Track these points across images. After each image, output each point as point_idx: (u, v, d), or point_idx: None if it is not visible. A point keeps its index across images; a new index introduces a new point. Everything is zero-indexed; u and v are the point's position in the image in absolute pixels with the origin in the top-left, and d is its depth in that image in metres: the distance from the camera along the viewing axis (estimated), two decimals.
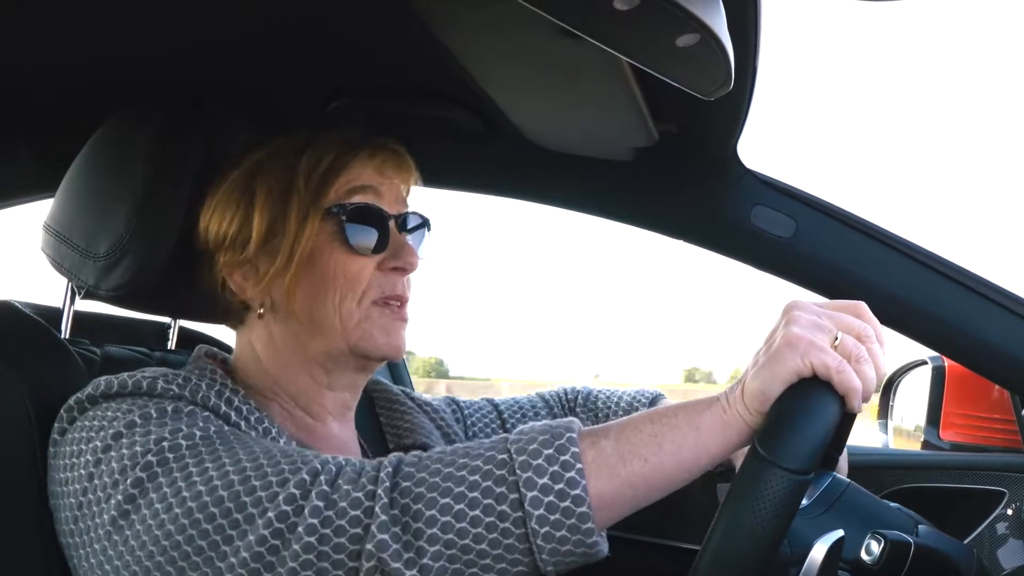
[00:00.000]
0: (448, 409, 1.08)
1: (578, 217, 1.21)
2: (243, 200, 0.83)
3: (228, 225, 0.82)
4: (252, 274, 0.83)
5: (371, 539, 0.60)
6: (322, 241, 0.81)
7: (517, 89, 0.91)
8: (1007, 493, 1.20)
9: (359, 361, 0.85)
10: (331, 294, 0.81)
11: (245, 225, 0.82)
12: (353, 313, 0.81)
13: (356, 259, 0.82)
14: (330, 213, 0.82)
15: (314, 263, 0.81)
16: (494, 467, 0.62)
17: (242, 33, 0.86)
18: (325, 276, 0.81)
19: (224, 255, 0.83)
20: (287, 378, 0.85)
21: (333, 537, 0.61)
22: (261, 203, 0.82)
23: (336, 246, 0.82)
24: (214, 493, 0.64)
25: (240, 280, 0.83)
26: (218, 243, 0.83)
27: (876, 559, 0.75)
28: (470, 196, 1.25)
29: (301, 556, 0.60)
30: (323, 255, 0.81)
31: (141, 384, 0.73)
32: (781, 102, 75.56)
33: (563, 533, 0.60)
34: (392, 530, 0.60)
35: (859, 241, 1.08)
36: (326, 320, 0.81)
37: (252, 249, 0.82)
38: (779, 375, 0.63)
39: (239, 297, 0.84)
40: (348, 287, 0.81)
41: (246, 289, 0.84)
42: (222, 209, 0.83)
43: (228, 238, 0.82)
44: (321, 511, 0.61)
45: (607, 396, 1.13)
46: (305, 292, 0.81)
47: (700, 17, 0.54)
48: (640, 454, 0.63)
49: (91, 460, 0.68)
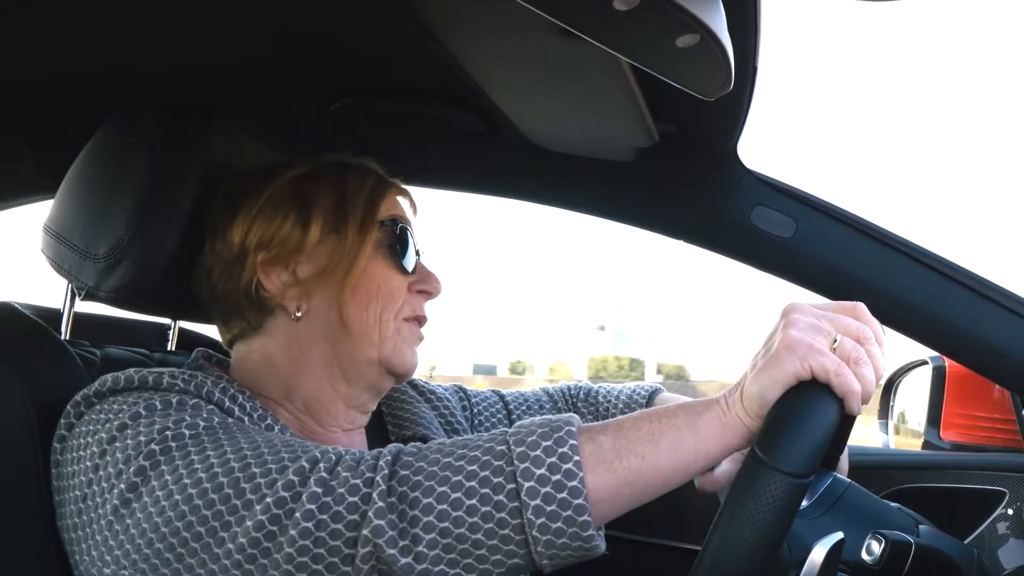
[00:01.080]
0: (455, 398, 1.09)
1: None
2: (295, 207, 0.85)
3: (278, 228, 0.84)
4: (290, 278, 0.85)
5: (367, 525, 0.60)
6: (372, 256, 0.86)
7: (517, 90, 0.91)
8: (1008, 493, 1.20)
9: (381, 376, 0.87)
10: (374, 305, 0.85)
11: (296, 229, 0.84)
12: (389, 326, 0.86)
13: (397, 276, 0.87)
14: (383, 226, 0.87)
15: (364, 276, 0.85)
16: (492, 458, 0.63)
17: (243, 34, 0.86)
18: (370, 288, 0.85)
19: (265, 254, 0.84)
20: (303, 384, 0.85)
21: (330, 523, 0.61)
22: (318, 210, 0.85)
23: (383, 263, 0.86)
24: (214, 480, 0.64)
25: (277, 281, 0.84)
26: (262, 244, 0.84)
27: (877, 559, 0.75)
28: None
29: (298, 542, 0.61)
30: (370, 269, 0.85)
31: (147, 379, 0.74)
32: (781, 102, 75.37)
33: (559, 525, 0.60)
34: (388, 517, 0.60)
35: (859, 241, 1.08)
36: (365, 329, 0.84)
37: (301, 253, 0.84)
38: (777, 379, 0.63)
39: (273, 298, 0.85)
40: (388, 300, 0.86)
41: (283, 290, 0.84)
42: (269, 215, 0.85)
43: (276, 240, 0.84)
44: (319, 497, 0.62)
45: (607, 391, 1.16)
46: (351, 300, 0.84)
47: (700, 17, 0.54)
48: (637, 451, 0.63)
49: (96, 452, 0.69)
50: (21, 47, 0.88)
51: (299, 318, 0.85)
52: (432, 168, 1.21)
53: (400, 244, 0.88)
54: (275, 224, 0.84)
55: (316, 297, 0.85)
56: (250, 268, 0.84)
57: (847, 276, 1.08)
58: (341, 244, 0.84)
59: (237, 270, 0.85)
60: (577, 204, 1.21)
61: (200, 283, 0.88)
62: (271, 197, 0.85)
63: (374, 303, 0.85)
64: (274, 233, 0.84)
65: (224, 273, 0.85)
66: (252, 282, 0.84)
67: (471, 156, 1.19)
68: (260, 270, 0.84)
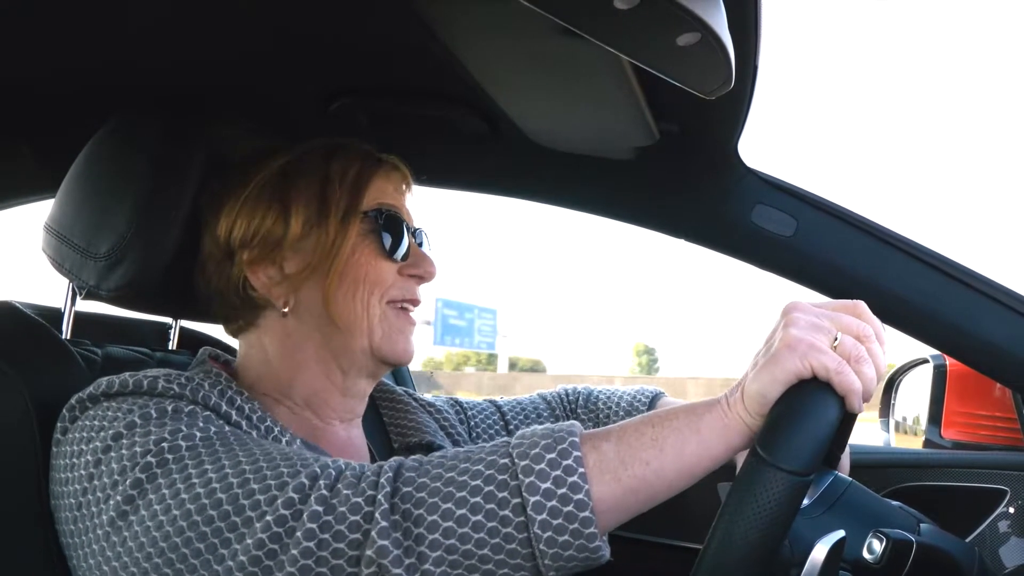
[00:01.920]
0: (451, 410, 1.08)
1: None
2: (275, 201, 0.84)
3: (259, 224, 0.84)
4: (277, 274, 0.84)
5: (371, 545, 0.59)
6: (357, 244, 0.85)
7: (518, 89, 0.91)
8: (1009, 491, 1.20)
9: (374, 364, 0.87)
10: (360, 292, 0.84)
11: (278, 224, 0.84)
12: (375, 312, 0.85)
13: (385, 263, 0.86)
14: (367, 217, 0.86)
15: (349, 265, 0.84)
16: (496, 472, 0.62)
17: (243, 34, 0.86)
18: (356, 277, 0.84)
19: (249, 252, 0.84)
20: (301, 379, 0.86)
21: (332, 542, 0.60)
22: (299, 204, 0.84)
23: (369, 250, 0.85)
24: (212, 496, 0.63)
25: (264, 279, 0.84)
26: (245, 242, 0.84)
27: (878, 558, 0.75)
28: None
29: (300, 561, 0.60)
30: (355, 257, 0.84)
31: (142, 383, 0.73)
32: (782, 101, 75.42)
33: (565, 538, 0.60)
34: (393, 535, 0.60)
35: (860, 240, 1.08)
36: (354, 319, 0.84)
37: (285, 248, 0.84)
38: (778, 377, 0.63)
39: (261, 295, 0.85)
40: (375, 286, 0.85)
41: (271, 288, 0.84)
42: (250, 210, 0.84)
43: (258, 236, 0.84)
44: (320, 516, 0.61)
45: (607, 396, 1.13)
46: (338, 291, 0.84)
47: (701, 16, 0.54)
48: (641, 457, 0.63)
49: (91, 460, 0.68)
50: (21, 47, 0.88)
51: (286, 313, 0.85)
52: (432, 168, 1.21)
53: (389, 231, 0.87)
54: (257, 218, 0.84)
55: (303, 291, 0.84)
56: (239, 265, 0.84)
57: (848, 274, 1.08)
58: (324, 238, 0.84)
59: (227, 267, 0.85)
60: (577, 204, 1.21)
61: (198, 280, 0.88)
62: (252, 192, 0.85)
63: (360, 290, 0.84)
64: (257, 228, 0.84)
65: (216, 270, 0.86)
66: (241, 279, 0.84)
67: (471, 156, 1.19)
68: (247, 268, 0.84)
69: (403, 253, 0.88)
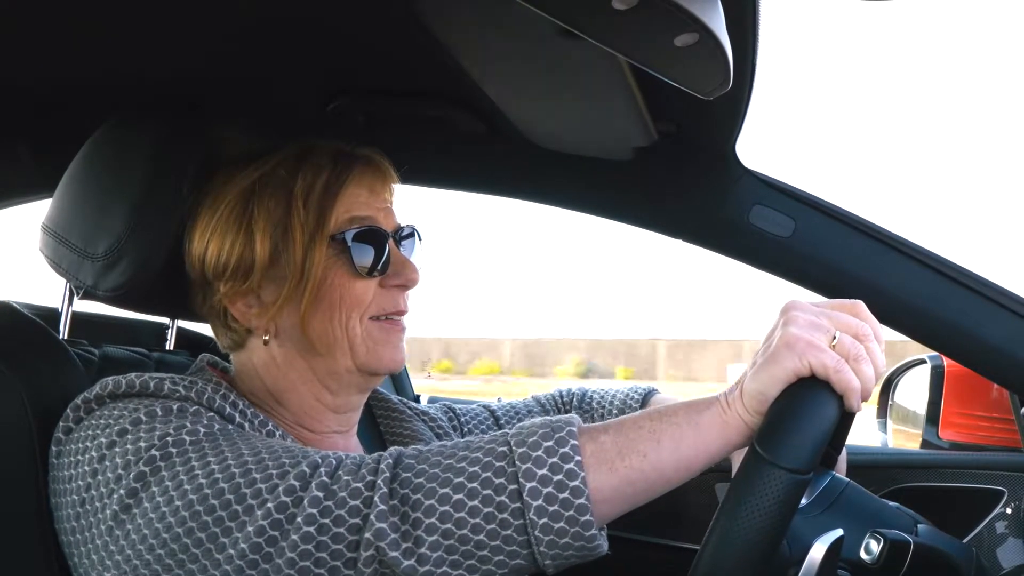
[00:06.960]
0: (445, 417, 1.09)
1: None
2: (242, 225, 0.81)
3: (229, 252, 0.81)
4: (255, 303, 0.83)
5: (369, 528, 0.60)
6: (328, 267, 0.82)
7: (517, 89, 0.91)
8: (1006, 492, 1.20)
9: (364, 379, 0.86)
10: (338, 316, 0.82)
11: (247, 252, 0.81)
12: (356, 331, 0.83)
13: (361, 281, 0.83)
14: (335, 240, 0.82)
15: (322, 289, 0.81)
16: (494, 459, 0.63)
17: (242, 33, 0.86)
18: (332, 300, 0.82)
19: (225, 285, 0.82)
20: (291, 400, 0.86)
21: (332, 527, 0.61)
22: (261, 230, 0.81)
23: (342, 271, 0.82)
24: (214, 486, 0.64)
25: (244, 309, 0.83)
26: (218, 272, 0.82)
27: (875, 558, 0.75)
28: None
29: (300, 546, 0.61)
30: (328, 280, 0.82)
31: (148, 385, 0.73)
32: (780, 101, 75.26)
33: (561, 525, 0.60)
34: (391, 519, 0.60)
35: (858, 240, 1.08)
36: (334, 342, 0.82)
37: (256, 278, 0.81)
38: (777, 376, 0.63)
39: (243, 325, 0.84)
40: (353, 306, 0.82)
41: (251, 319, 0.83)
42: (220, 233, 0.82)
43: (230, 268, 0.81)
44: (321, 501, 0.62)
45: (601, 396, 1.14)
46: (313, 317, 0.82)
47: (699, 16, 0.54)
48: (639, 449, 0.64)
49: (95, 457, 0.69)
50: (19, 47, 0.88)
51: (268, 341, 0.84)
52: (431, 168, 1.21)
53: (364, 245, 0.83)
54: (228, 243, 0.81)
55: (282, 319, 0.83)
56: (218, 296, 0.83)
57: (846, 275, 1.08)
58: (292, 265, 0.81)
59: (209, 295, 0.85)
60: (576, 204, 1.21)
61: (190, 300, 0.88)
62: (223, 212, 0.82)
63: (338, 314, 0.82)
64: (228, 255, 0.81)
65: (200, 296, 0.86)
66: (222, 309, 0.84)
67: (470, 156, 1.19)
68: (226, 300, 0.83)
69: (381, 267, 0.83)
